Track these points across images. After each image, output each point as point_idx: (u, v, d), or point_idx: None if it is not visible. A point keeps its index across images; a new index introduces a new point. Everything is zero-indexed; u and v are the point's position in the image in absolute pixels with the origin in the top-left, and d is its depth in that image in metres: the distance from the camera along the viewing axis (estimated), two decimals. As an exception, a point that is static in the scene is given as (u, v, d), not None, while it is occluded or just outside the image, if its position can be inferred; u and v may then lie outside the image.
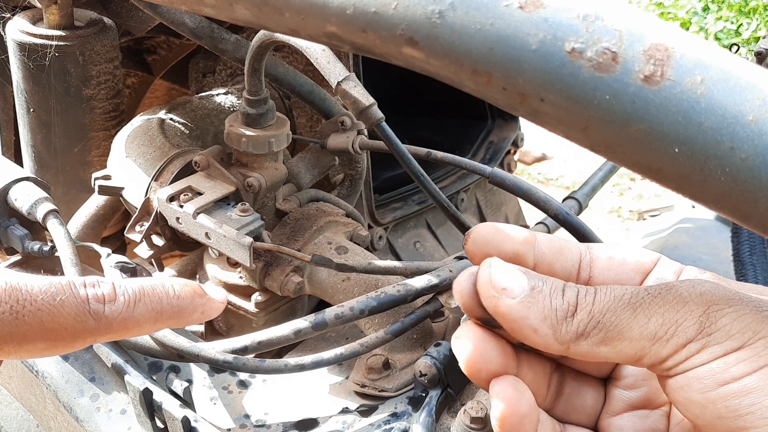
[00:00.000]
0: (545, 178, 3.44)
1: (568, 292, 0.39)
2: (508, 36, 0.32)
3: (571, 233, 0.75)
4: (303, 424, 0.66)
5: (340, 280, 0.75)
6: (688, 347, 0.36)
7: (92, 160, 1.01)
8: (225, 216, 0.72)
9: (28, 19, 0.95)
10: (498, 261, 0.41)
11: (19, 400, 0.77)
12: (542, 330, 0.38)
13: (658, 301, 0.37)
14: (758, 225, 0.33)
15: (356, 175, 0.93)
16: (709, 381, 0.36)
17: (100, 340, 0.42)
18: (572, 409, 0.45)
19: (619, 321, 0.38)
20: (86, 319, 0.40)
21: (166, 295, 0.43)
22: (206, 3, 0.39)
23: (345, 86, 0.70)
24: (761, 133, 0.31)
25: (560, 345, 0.39)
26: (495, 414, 0.39)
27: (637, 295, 0.38)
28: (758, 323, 0.36)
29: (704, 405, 0.36)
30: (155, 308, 0.43)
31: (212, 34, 0.83)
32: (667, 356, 0.37)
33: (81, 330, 0.40)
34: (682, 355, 0.36)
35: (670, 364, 0.37)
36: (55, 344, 0.40)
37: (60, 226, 0.72)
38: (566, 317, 0.38)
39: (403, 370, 0.69)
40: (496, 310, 0.39)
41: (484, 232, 0.42)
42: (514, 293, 0.39)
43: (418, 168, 0.77)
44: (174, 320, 0.44)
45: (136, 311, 0.42)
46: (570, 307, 0.39)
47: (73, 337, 0.40)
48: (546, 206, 0.74)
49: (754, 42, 4.24)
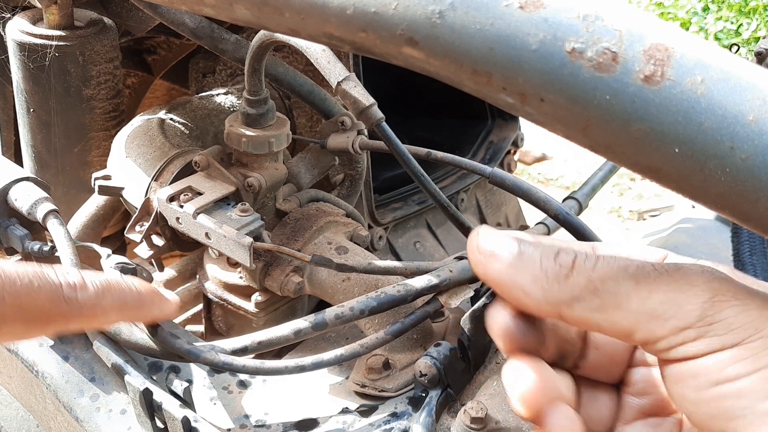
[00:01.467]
0: (545, 178, 3.44)
1: (562, 256, 0.38)
2: (508, 36, 0.32)
3: (571, 233, 0.75)
4: (303, 424, 0.66)
5: (340, 280, 0.75)
6: (685, 332, 0.35)
7: (92, 160, 1.01)
8: (225, 216, 0.72)
9: (28, 19, 0.95)
10: (486, 228, 0.40)
11: (19, 400, 0.77)
12: (532, 291, 0.38)
13: (664, 278, 0.36)
14: (758, 225, 0.33)
15: (356, 175, 0.93)
16: (703, 379, 0.35)
17: (72, 326, 0.45)
18: (590, 418, 0.44)
19: (619, 290, 0.37)
20: (60, 303, 0.44)
21: (129, 290, 0.48)
22: (206, 3, 0.39)
23: (345, 86, 0.70)
24: (761, 133, 0.31)
25: (552, 307, 0.38)
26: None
27: (643, 269, 0.37)
28: (763, 321, 0.34)
29: (697, 403, 0.36)
30: (120, 299, 0.47)
31: (212, 34, 0.83)
32: (662, 337, 0.36)
33: (56, 313, 0.44)
34: (677, 339, 0.35)
35: (663, 346, 0.36)
36: (32, 326, 0.43)
37: (60, 226, 0.72)
38: (558, 279, 0.38)
39: (403, 370, 0.68)
40: (486, 275, 0.39)
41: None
42: (503, 257, 0.39)
43: (418, 168, 0.77)
44: (136, 312, 0.49)
45: (104, 300, 0.46)
46: (563, 270, 0.38)
47: (48, 319, 0.44)
48: (546, 206, 0.74)
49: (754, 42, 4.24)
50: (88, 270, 0.61)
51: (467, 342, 0.66)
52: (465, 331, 0.66)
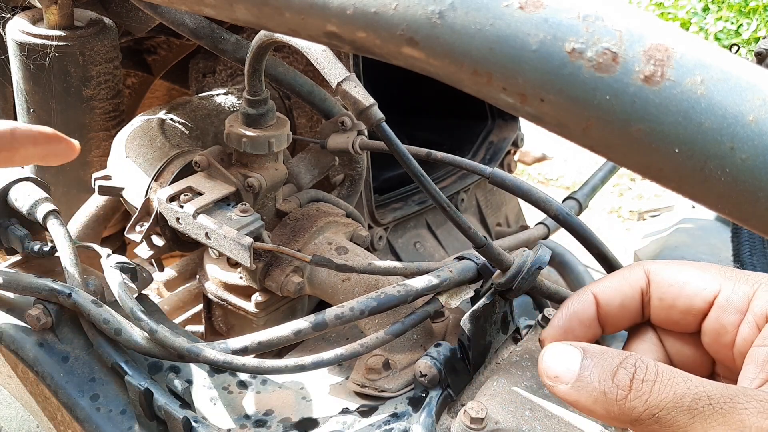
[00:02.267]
0: (545, 178, 3.44)
1: (620, 375, 0.41)
2: (508, 36, 0.32)
3: (572, 233, 0.75)
4: (303, 424, 0.66)
5: (340, 281, 0.75)
6: None
7: (92, 160, 1.01)
8: (225, 216, 0.72)
9: (28, 19, 0.95)
10: (552, 347, 0.45)
11: (19, 400, 0.77)
12: (596, 410, 0.42)
13: (717, 417, 0.39)
14: (758, 225, 0.33)
15: (356, 175, 0.93)
16: None
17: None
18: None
19: (676, 421, 0.40)
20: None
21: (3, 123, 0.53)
22: (206, 3, 0.39)
23: (345, 87, 0.69)
24: (761, 133, 0.31)
25: (619, 423, 0.41)
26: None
27: (698, 402, 0.40)
28: None
29: None
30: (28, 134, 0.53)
31: (212, 35, 0.83)
32: None
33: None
34: None
35: None
36: None
37: (60, 227, 0.72)
38: (618, 402, 0.41)
39: (403, 370, 0.68)
40: (555, 394, 0.44)
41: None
42: (565, 379, 0.43)
43: (418, 168, 0.77)
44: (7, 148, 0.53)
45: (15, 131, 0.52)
46: (620, 391, 0.41)
47: None
48: (546, 207, 0.74)
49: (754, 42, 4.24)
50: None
51: (467, 342, 0.66)
52: (465, 331, 0.66)
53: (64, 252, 0.70)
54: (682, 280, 0.48)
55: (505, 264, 0.66)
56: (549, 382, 0.44)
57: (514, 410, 0.62)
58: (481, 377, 0.68)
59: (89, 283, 0.70)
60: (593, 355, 0.43)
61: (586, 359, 0.43)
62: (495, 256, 0.65)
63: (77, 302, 0.66)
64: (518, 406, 0.62)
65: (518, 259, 0.66)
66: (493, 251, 0.65)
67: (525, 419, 0.61)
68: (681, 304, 0.48)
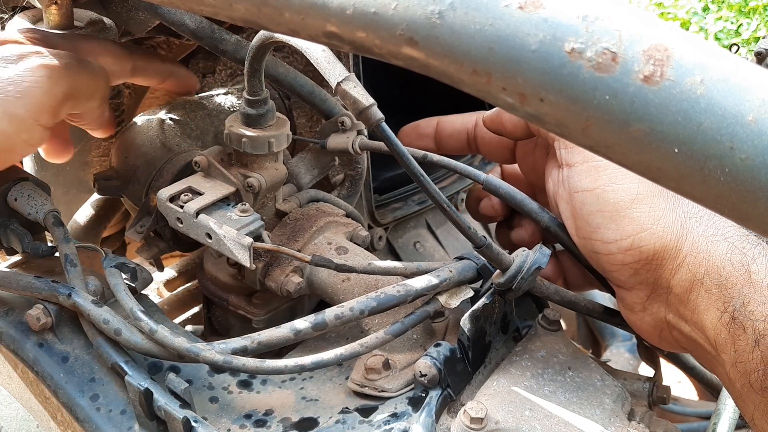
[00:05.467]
0: (545, 178, 3.43)
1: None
2: (508, 36, 0.32)
3: (565, 247, 0.75)
4: (303, 424, 0.66)
5: (340, 281, 0.75)
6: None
7: (92, 160, 1.01)
8: (225, 216, 0.72)
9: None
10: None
11: (19, 400, 0.77)
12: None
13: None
14: (758, 225, 0.33)
15: (356, 175, 0.93)
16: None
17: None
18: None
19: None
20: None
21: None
22: (206, 3, 0.39)
23: (345, 87, 0.69)
24: (761, 133, 0.31)
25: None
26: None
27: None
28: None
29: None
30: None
31: (212, 35, 0.83)
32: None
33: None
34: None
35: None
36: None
37: (60, 227, 0.72)
38: None
39: (403, 370, 0.69)
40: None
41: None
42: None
43: (418, 168, 0.77)
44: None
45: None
46: None
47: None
48: (538, 218, 0.74)
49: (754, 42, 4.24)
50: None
51: (467, 342, 0.66)
52: (465, 331, 0.66)
53: (64, 252, 0.70)
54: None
55: (505, 264, 0.66)
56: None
57: (513, 410, 0.62)
58: (481, 377, 0.68)
59: (89, 283, 0.70)
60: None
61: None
62: (495, 256, 0.65)
63: (77, 302, 0.66)
64: (518, 406, 0.62)
65: (518, 259, 0.66)
66: (492, 251, 0.65)
67: (525, 419, 0.61)
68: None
